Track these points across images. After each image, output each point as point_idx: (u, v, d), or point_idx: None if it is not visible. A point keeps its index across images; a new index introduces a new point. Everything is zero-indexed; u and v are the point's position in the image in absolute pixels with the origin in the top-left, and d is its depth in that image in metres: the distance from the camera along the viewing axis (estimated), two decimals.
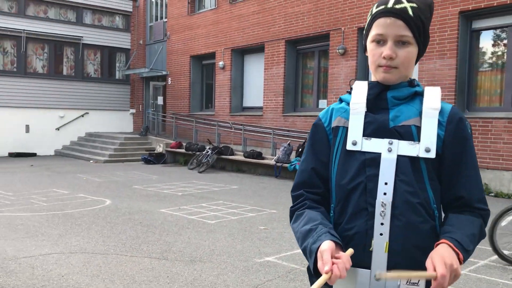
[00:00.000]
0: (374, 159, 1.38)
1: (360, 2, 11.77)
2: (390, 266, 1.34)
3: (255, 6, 14.46)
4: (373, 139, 1.39)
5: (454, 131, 1.39)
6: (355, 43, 11.87)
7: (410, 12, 1.37)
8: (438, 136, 1.38)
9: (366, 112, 1.43)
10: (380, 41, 1.39)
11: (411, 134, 1.38)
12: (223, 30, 15.60)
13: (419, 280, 1.31)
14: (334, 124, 1.47)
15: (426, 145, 1.36)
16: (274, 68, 13.98)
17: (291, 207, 1.51)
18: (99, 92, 18.78)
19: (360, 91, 1.46)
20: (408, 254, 1.34)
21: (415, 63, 1.48)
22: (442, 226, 1.38)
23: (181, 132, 16.61)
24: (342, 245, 1.34)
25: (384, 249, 1.35)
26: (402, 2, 1.38)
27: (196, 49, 16.74)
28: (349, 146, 1.41)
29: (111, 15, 19.44)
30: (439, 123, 1.39)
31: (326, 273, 1.21)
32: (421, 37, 1.41)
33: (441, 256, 1.25)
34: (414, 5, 1.39)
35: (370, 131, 1.41)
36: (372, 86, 1.46)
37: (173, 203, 8.22)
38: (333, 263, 1.23)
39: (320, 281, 1.20)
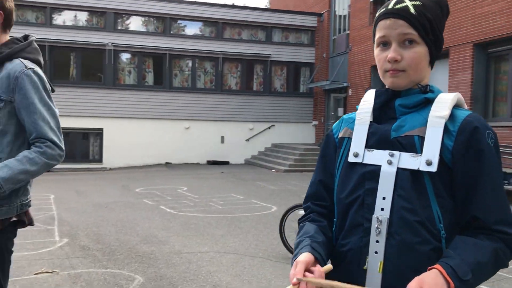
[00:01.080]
0: (373, 172, 1.30)
1: None
2: None
3: None
4: (375, 151, 1.31)
5: (465, 142, 1.23)
6: None
7: (412, 10, 1.27)
8: (446, 147, 1.24)
9: (371, 122, 1.36)
10: (385, 44, 1.31)
11: (414, 145, 1.26)
12: None
13: None
14: (340, 134, 1.43)
15: (428, 157, 1.23)
16: (460, 75, 12.84)
17: (298, 219, 1.50)
18: (284, 105, 19.88)
19: (368, 100, 1.40)
20: (403, 276, 1.21)
21: (431, 67, 1.35)
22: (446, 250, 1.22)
23: None
24: (322, 259, 1.29)
25: (378, 269, 1.26)
26: (403, 2, 1.29)
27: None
28: (351, 158, 1.35)
29: (297, 32, 20.44)
30: (449, 132, 1.24)
31: (293, 284, 1.20)
32: (430, 36, 1.29)
33: (420, 282, 1.12)
34: (417, 2, 1.28)
35: (372, 142, 1.33)
36: (379, 94, 1.38)
37: None
38: (304, 275, 1.21)
39: None
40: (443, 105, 1.27)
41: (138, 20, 18.56)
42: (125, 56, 18.48)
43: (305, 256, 1.25)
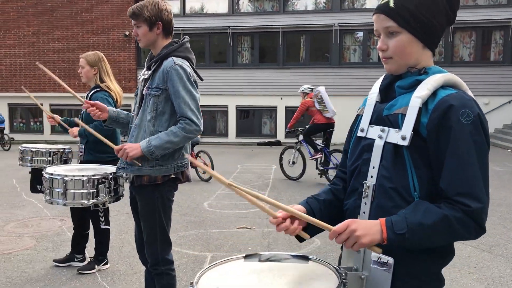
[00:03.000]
0: (370, 145, 1.48)
1: None
2: None
3: None
4: (375, 127, 1.48)
5: (438, 119, 1.33)
6: None
7: (391, 4, 1.41)
8: (422, 124, 1.36)
9: (377, 101, 1.52)
10: (379, 36, 1.47)
11: (397, 122, 1.40)
12: None
13: (388, 260, 1.37)
14: (358, 112, 1.62)
15: (403, 133, 1.37)
16: None
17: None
18: None
19: (378, 82, 1.56)
20: None
21: (432, 49, 1.46)
22: None
23: None
24: (311, 211, 1.54)
25: None
26: None
27: None
28: (358, 133, 1.55)
29: None
30: (426, 111, 1.36)
31: (274, 216, 1.45)
32: (412, 24, 1.39)
33: (354, 220, 1.34)
34: None
35: (374, 119, 1.50)
36: (385, 77, 1.54)
37: None
38: (283, 219, 1.45)
39: (268, 207, 1.46)
40: (425, 85, 1.38)
41: None
42: (350, 35, 18.96)
43: (297, 206, 1.54)
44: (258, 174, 10.19)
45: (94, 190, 2.90)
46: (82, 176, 2.90)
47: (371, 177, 1.45)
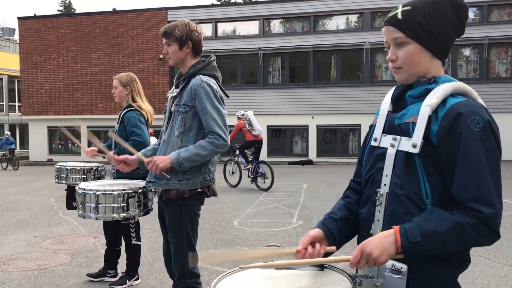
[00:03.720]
0: (383, 154, 1.50)
1: None
2: None
3: None
4: (387, 136, 1.50)
5: (447, 127, 1.35)
6: None
7: (399, 16, 1.44)
8: (432, 131, 1.37)
9: (389, 111, 1.55)
10: (389, 47, 1.50)
11: (409, 130, 1.42)
12: None
13: (402, 268, 1.37)
14: (371, 123, 1.64)
15: (414, 141, 1.39)
16: None
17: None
18: None
19: (390, 92, 1.58)
20: None
21: (442, 59, 1.47)
22: None
23: None
24: (330, 234, 1.54)
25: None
26: (396, 9, 1.47)
27: None
28: (372, 142, 1.57)
29: None
30: (436, 118, 1.37)
31: (296, 251, 1.50)
32: (420, 34, 1.42)
33: (367, 242, 1.34)
34: (407, 8, 1.44)
35: (386, 129, 1.52)
36: (397, 87, 1.57)
37: None
38: (305, 249, 1.49)
39: (286, 251, 1.52)
40: (434, 94, 1.40)
41: None
42: (382, 53, 18.89)
43: (314, 232, 1.54)
44: (288, 193, 10.19)
45: (125, 204, 3.00)
46: (113, 190, 3.02)
47: (384, 185, 1.46)
